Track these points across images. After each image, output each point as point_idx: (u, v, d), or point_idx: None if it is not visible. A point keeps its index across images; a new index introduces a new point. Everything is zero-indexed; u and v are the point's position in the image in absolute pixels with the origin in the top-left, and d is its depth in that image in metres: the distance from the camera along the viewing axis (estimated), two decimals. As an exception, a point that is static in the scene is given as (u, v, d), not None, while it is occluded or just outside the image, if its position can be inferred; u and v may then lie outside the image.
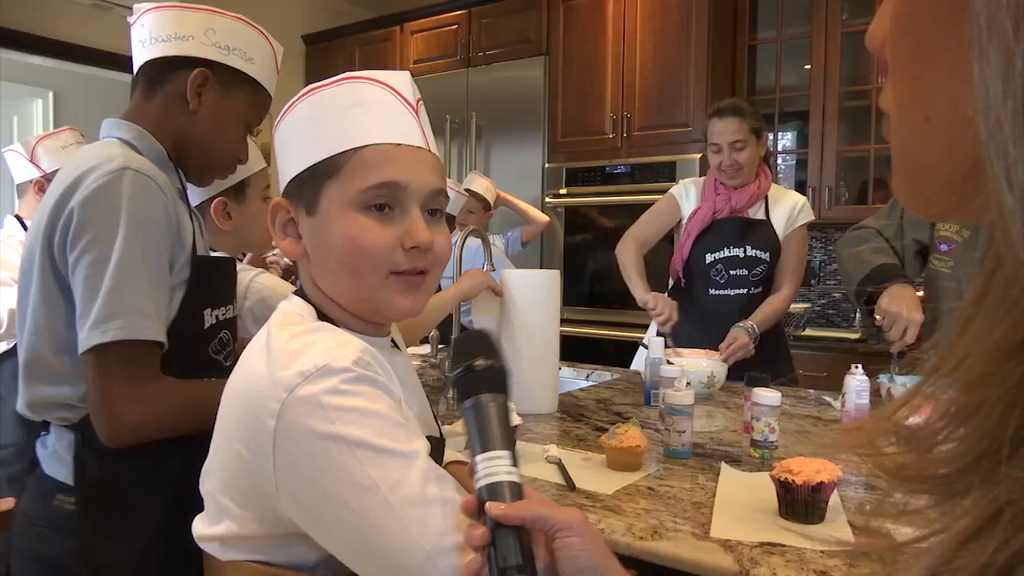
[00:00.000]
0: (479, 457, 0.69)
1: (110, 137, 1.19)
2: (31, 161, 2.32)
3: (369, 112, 0.83)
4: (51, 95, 4.96)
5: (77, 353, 1.05)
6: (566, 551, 0.67)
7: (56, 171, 2.26)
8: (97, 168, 1.07)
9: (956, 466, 0.25)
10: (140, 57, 1.22)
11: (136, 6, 1.23)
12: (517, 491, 0.68)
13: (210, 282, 1.19)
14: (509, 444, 0.70)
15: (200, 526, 0.82)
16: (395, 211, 0.83)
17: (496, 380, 0.73)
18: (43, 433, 1.17)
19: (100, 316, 1.02)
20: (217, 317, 1.20)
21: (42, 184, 2.32)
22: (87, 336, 1.03)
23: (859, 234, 2.09)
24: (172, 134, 1.21)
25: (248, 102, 1.27)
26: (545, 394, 1.78)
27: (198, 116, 1.21)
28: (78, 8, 3.92)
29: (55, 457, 1.13)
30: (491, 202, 3.24)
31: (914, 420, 0.27)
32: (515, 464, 0.70)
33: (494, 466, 0.68)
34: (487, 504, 0.67)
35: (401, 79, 0.87)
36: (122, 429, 1.04)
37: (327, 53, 4.90)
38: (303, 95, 0.85)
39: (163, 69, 1.20)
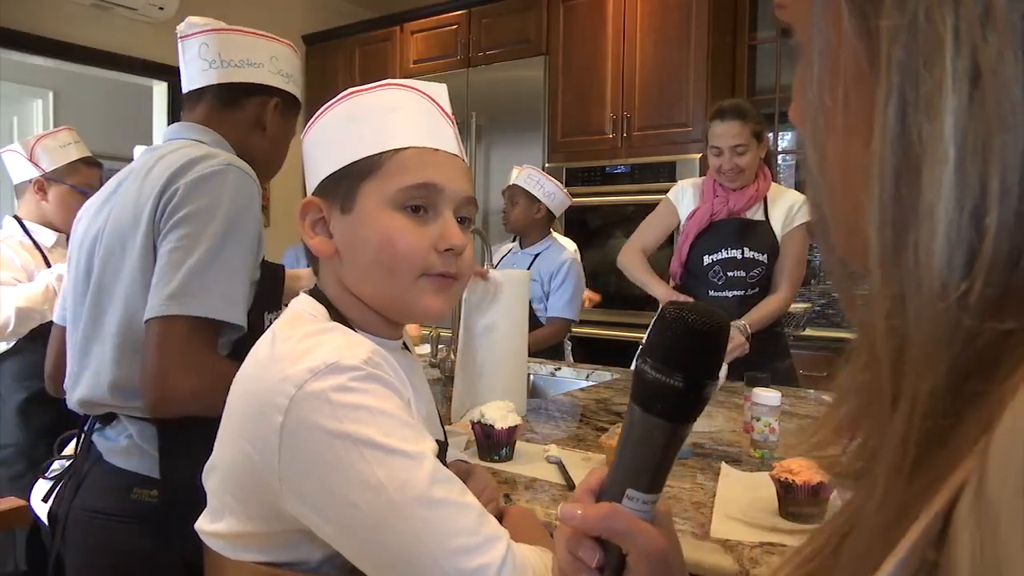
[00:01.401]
0: (628, 491, 0.52)
1: (187, 139, 1.25)
2: (30, 160, 2.32)
3: (409, 117, 0.85)
4: (51, 95, 4.96)
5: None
6: None
7: (55, 170, 2.30)
8: (205, 159, 1.13)
9: (862, 463, 0.33)
10: (206, 77, 1.29)
11: (191, 20, 1.31)
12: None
13: (272, 286, 1.24)
14: (661, 487, 0.53)
15: (203, 523, 0.82)
16: (429, 213, 0.84)
17: (690, 409, 0.51)
18: (99, 426, 1.18)
19: (178, 289, 1.05)
20: (270, 321, 1.22)
21: (41, 184, 2.32)
22: (161, 304, 1.05)
23: None
24: (239, 152, 1.28)
25: (295, 124, 1.38)
26: (513, 396, 1.69)
27: (266, 138, 1.32)
28: (78, 8, 3.92)
29: (133, 450, 1.14)
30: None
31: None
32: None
33: (635, 507, 0.52)
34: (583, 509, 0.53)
35: (440, 91, 0.90)
36: (172, 400, 1.05)
37: (327, 53, 4.90)
38: (342, 97, 0.86)
39: (237, 93, 1.29)
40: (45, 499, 1.32)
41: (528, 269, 2.85)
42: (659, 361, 0.48)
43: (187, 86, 1.31)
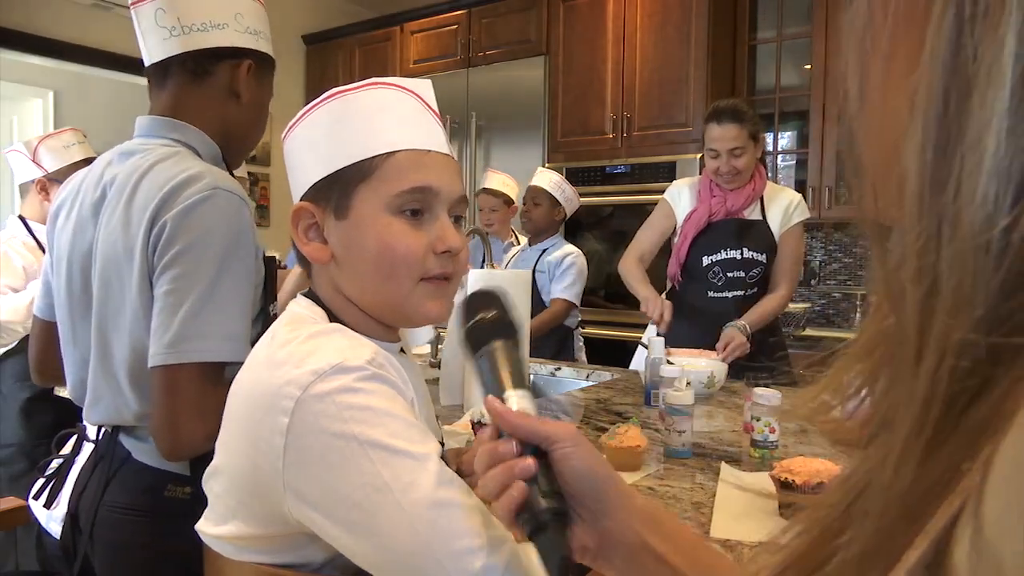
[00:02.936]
0: (513, 391, 0.68)
1: (165, 139, 1.18)
2: (33, 161, 2.33)
3: (399, 117, 0.84)
4: (51, 95, 4.96)
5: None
6: (565, 462, 0.63)
7: (58, 171, 2.30)
8: (190, 183, 1.07)
9: (872, 428, 0.31)
10: (167, 47, 1.18)
11: None
12: None
13: (271, 279, 1.21)
14: (523, 382, 0.69)
15: (205, 525, 0.82)
16: (425, 215, 0.83)
17: (506, 329, 0.72)
18: (126, 428, 1.17)
19: (177, 336, 1.02)
20: (273, 312, 1.22)
21: (44, 184, 2.33)
22: (161, 353, 1.02)
23: None
24: (219, 127, 1.21)
25: (271, 84, 1.29)
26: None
27: (242, 107, 1.23)
28: (78, 8, 3.92)
29: None
30: (512, 197, 3.21)
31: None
32: (531, 399, 0.69)
33: (510, 405, 0.67)
34: (487, 399, 0.67)
35: (425, 87, 0.88)
36: (185, 447, 1.04)
37: (327, 53, 4.91)
38: (327, 98, 0.84)
39: (205, 61, 1.18)
40: (36, 496, 1.31)
41: (536, 262, 2.97)
42: (476, 314, 0.72)
43: (149, 59, 1.21)
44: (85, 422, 1.23)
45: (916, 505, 0.26)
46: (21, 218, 2.37)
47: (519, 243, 3.25)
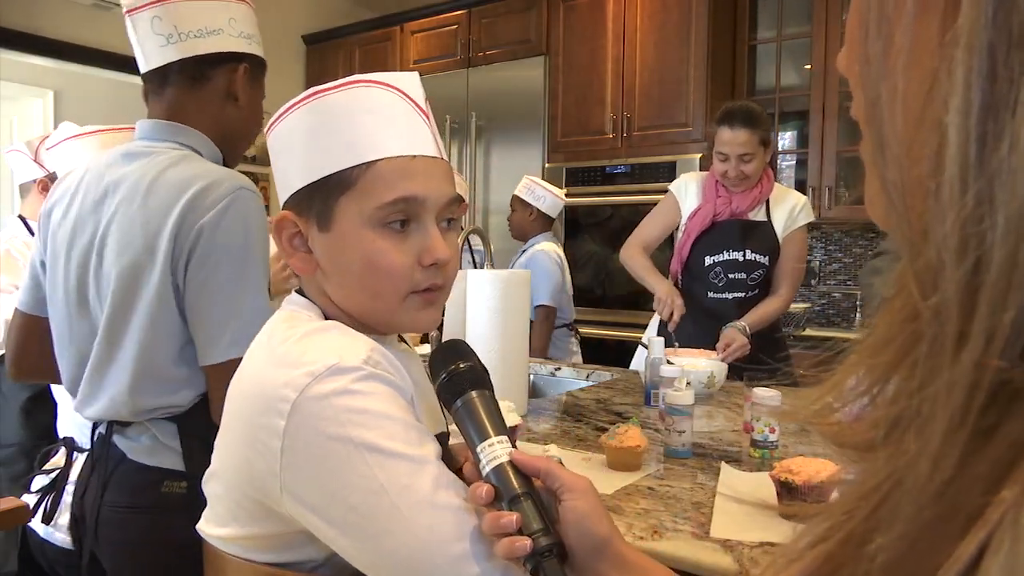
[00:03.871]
0: (478, 448, 0.72)
1: (171, 142, 1.21)
2: (35, 161, 2.33)
3: (381, 120, 0.80)
4: (51, 95, 4.95)
5: (194, 362, 1.13)
6: (572, 515, 0.68)
7: (57, 171, 2.30)
8: (213, 187, 1.12)
9: (877, 431, 0.28)
10: (165, 54, 1.21)
11: None
12: (518, 469, 0.71)
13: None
14: (503, 430, 0.73)
15: (206, 525, 0.82)
16: (411, 225, 0.80)
17: (479, 378, 0.76)
18: (118, 427, 1.19)
19: (239, 335, 1.09)
20: None
21: (45, 183, 2.33)
22: (225, 350, 1.09)
23: (874, 264, 2.07)
24: (217, 129, 1.25)
25: (263, 85, 1.33)
26: (513, 396, 1.70)
27: (240, 109, 1.27)
28: (78, 8, 3.92)
29: (157, 448, 1.16)
30: (463, 196, 3.24)
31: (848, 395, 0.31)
32: (513, 446, 0.72)
33: (494, 451, 0.71)
34: (512, 453, 0.71)
35: (410, 81, 0.85)
36: None
37: (327, 53, 4.91)
38: (307, 98, 0.81)
39: (203, 66, 1.22)
40: (32, 513, 1.32)
41: (511, 266, 3.07)
42: (449, 364, 0.76)
43: (146, 66, 1.24)
44: (78, 414, 1.24)
45: (954, 507, 0.24)
46: (21, 218, 2.37)
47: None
